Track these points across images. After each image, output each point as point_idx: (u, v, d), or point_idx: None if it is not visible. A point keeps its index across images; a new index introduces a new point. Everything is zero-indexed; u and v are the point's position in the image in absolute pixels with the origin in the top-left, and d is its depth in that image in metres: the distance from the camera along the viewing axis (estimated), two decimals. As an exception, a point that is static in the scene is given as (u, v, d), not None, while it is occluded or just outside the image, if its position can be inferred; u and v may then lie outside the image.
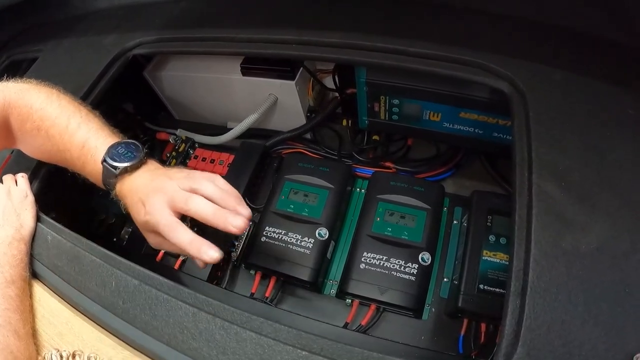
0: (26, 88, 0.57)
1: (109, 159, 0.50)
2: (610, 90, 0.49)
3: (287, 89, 0.75)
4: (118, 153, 0.50)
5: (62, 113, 0.55)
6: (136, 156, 0.51)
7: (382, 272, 0.62)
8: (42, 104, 0.55)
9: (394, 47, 0.56)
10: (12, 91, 0.56)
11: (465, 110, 0.64)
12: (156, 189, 0.47)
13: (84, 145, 0.53)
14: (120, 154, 0.50)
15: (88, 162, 0.52)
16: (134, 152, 0.51)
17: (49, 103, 0.55)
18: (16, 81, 0.58)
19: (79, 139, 0.53)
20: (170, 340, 0.40)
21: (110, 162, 0.50)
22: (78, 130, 0.53)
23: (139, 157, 0.51)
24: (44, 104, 0.55)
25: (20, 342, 0.43)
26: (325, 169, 0.73)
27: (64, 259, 0.50)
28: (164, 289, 0.44)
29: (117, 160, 0.50)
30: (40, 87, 0.58)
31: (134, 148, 0.52)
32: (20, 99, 0.56)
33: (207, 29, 0.69)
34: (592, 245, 0.40)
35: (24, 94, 0.56)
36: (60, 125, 0.54)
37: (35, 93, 0.56)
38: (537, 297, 0.38)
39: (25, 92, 0.56)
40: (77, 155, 0.53)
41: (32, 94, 0.56)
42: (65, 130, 0.54)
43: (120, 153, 0.50)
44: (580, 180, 0.43)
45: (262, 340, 0.38)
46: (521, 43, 0.54)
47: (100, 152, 0.51)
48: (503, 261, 0.59)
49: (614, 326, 0.36)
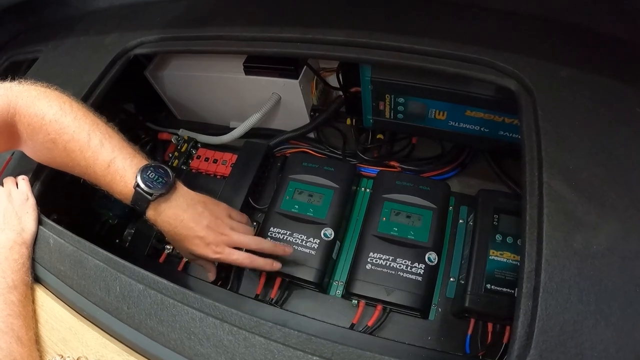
0: (35, 95, 0.54)
1: (142, 184, 0.51)
2: (618, 88, 0.48)
3: (291, 87, 0.75)
4: (149, 178, 0.52)
5: (80, 127, 0.53)
6: (167, 182, 0.53)
7: (388, 272, 0.62)
8: (56, 115, 0.53)
9: (399, 45, 0.55)
10: (19, 96, 0.54)
11: (471, 109, 0.63)
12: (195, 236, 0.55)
13: (109, 165, 0.52)
14: (151, 179, 0.52)
15: (116, 182, 0.53)
16: (163, 177, 0.53)
17: (64, 114, 0.53)
18: (22, 83, 0.56)
19: (104, 158, 0.53)
20: (177, 346, 0.40)
21: (143, 187, 0.51)
22: (101, 148, 0.53)
23: (170, 182, 0.54)
24: (57, 115, 0.53)
25: (23, 349, 0.42)
26: (330, 168, 0.72)
27: (66, 262, 0.49)
28: (170, 294, 0.43)
29: (150, 187, 0.52)
30: (50, 94, 0.55)
31: (163, 173, 0.54)
32: (29, 107, 0.53)
33: (209, 28, 0.68)
34: (603, 245, 0.39)
35: (34, 102, 0.54)
36: (80, 140, 0.53)
37: (46, 102, 0.54)
38: (549, 298, 0.37)
39: (35, 99, 0.54)
40: (101, 173, 0.53)
41: (42, 102, 0.54)
42: (87, 146, 0.53)
43: (152, 178, 0.52)
44: (590, 179, 0.43)
45: (272, 345, 0.38)
46: (528, 40, 0.53)
47: (129, 174, 0.52)
48: (510, 260, 0.58)
49: (625, 327, 0.36)
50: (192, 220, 0.55)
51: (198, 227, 0.55)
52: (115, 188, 0.53)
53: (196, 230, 0.55)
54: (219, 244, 0.56)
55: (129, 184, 0.52)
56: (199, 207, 0.56)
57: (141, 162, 0.54)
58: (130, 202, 0.53)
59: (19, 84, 0.56)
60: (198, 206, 0.56)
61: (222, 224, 0.58)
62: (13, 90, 0.54)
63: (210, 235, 0.55)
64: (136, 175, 0.52)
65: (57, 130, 0.53)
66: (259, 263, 0.58)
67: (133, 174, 0.52)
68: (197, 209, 0.56)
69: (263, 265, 0.59)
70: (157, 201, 0.53)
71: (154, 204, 0.53)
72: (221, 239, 0.56)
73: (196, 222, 0.55)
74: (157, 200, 0.53)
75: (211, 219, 0.57)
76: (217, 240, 0.56)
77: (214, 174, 0.82)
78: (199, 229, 0.55)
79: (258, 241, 0.59)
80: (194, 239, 0.55)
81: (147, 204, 0.53)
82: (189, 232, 0.55)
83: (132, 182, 0.52)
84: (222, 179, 0.81)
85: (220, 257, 0.56)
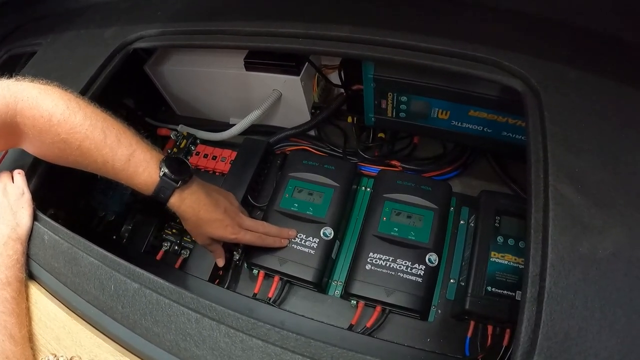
0: (37, 94, 0.52)
1: (169, 172, 0.55)
2: (627, 91, 0.47)
3: (292, 84, 0.74)
4: (173, 168, 0.56)
5: (93, 125, 0.53)
6: (188, 171, 0.58)
7: (388, 273, 0.61)
8: (64, 115, 0.52)
9: (404, 42, 0.54)
10: (19, 95, 0.51)
11: (474, 109, 0.62)
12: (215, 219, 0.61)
13: (129, 159, 0.54)
14: (175, 168, 0.56)
15: (139, 174, 0.55)
16: (184, 167, 0.57)
17: (72, 113, 0.52)
18: (20, 80, 0.54)
19: (123, 153, 0.54)
20: (172, 347, 0.39)
21: (170, 175, 0.55)
22: (119, 143, 0.54)
23: (191, 171, 0.58)
24: (66, 115, 0.52)
25: (16, 347, 0.41)
26: (330, 166, 0.71)
27: (61, 260, 0.48)
28: (165, 293, 0.42)
29: (176, 174, 0.55)
30: (52, 92, 0.53)
31: (184, 163, 0.58)
32: (33, 107, 0.51)
33: (210, 22, 0.67)
34: (608, 250, 0.39)
35: (36, 101, 0.52)
36: (95, 139, 0.53)
37: (51, 101, 0.52)
38: (554, 303, 0.37)
39: (37, 99, 0.52)
40: (121, 167, 0.54)
41: (46, 101, 0.52)
42: (103, 144, 0.53)
43: (175, 168, 0.56)
44: (597, 182, 0.42)
45: (269, 348, 0.37)
46: (535, 41, 0.52)
47: (152, 165, 0.55)
48: (511, 263, 0.57)
49: (630, 334, 0.35)
50: (213, 205, 0.60)
51: (218, 211, 0.61)
52: (137, 179, 0.55)
53: (216, 213, 0.61)
54: (234, 225, 0.62)
55: (154, 174, 0.55)
56: (214, 193, 0.62)
57: (159, 154, 0.57)
58: (152, 192, 0.56)
59: (16, 81, 0.54)
60: (214, 193, 0.62)
61: (234, 208, 0.65)
62: (11, 88, 0.52)
63: (227, 219, 0.62)
64: (160, 165, 0.55)
65: (68, 130, 0.52)
66: (269, 241, 0.65)
67: (156, 165, 0.55)
68: (214, 195, 0.62)
69: (272, 243, 0.65)
70: (181, 188, 0.57)
71: (178, 191, 0.57)
72: (236, 220, 0.63)
73: (216, 207, 0.61)
74: (181, 188, 0.56)
75: (226, 204, 0.63)
76: (232, 223, 0.62)
77: (213, 171, 0.81)
78: (218, 213, 0.61)
79: (265, 225, 0.66)
80: (214, 221, 0.60)
81: (172, 191, 0.56)
82: (210, 215, 0.60)
83: (156, 172, 0.55)
84: (221, 175, 0.80)
85: (236, 237, 0.62)
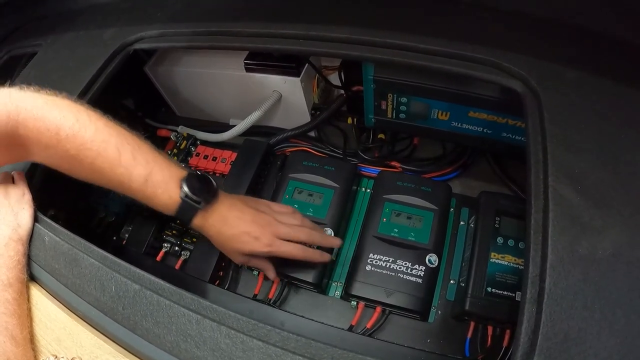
0: (42, 105, 0.48)
1: (190, 194, 0.51)
2: (627, 92, 0.47)
3: (292, 85, 0.74)
4: (195, 187, 0.51)
5: (106, 141, 0.49)
6: (212, 189, 0.53)
7: (388, 274, 0.61)
8: (74, 129, 0.48)
9: (403, 44, 0.54)
10: (21, 105, 0.48)
11: (474, 110, 0.62)
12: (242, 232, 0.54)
13: (146, 180, 0.50)
14: (196, 188, 0.51)
15: (157, 196, 0.51)
16: (208, 185, 0.53)
17: (83, 127, 0.49)
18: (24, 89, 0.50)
19: (139, 173, 0.50)
20: (173, 348, 0.39)
21: (192, 196, 0.51)
22: (134, 162, 0.50)
23: (214, 189, 0.53)
24: (75, 129, 0.48)
25: (17, 348, 0.41)
26: (330, 167, 0.71)
27: (61, 261, 0.48)
28: (166, 294, 0.42)
29: (198, 195, 0.51)
30: (59, 103, 0.50)
31: (206, 180, 0.53)
32: (37, 119, 0.48)
33: (210, 23, 0.67)
34: (608, 251, 0.39)
35: (42, 113, 0.48)
36: (109, 157, 0.49)
37: (58, 112, 0.48)
38: (554, 304, 0.37)
39: (42, 110, 0.48)
40: (138, 188, 0.50)
41: (53, 113, 0.48)
42: (118, 163, 0.49)
43: (197, 187, 0.51)
44: (596, 183, 0.42)
45: (270, 349, 0.37)
46: (535, 41, 0.52)
47: (171, 186, 0.51)
48: (511, 264, 0.58)
49: (630, 334, 0.35)
50: (236, 218, 0.54)
51: (242, 222, 0.54)
52: (156, 201, 0.51)
53: (241, 226, 0.54)
54: (267, 235, 0.55)
55: (174, 196, 0.51)
56: (239, 204, 0.56)
57: (179, 171, 0.53)
58: (174, 213, 0.52)
59: (20, 90, 0.50)
60: (238, 203, 0.56)
61: (266, 215, 0.57)
62: (13, 97, 0.48)
63: (257, 229, 0.54)
64: (181, 185, 0.51)
65: (78, 147, 0.48)
66: (310, 254, 0.58)
67: (176, 185, 0.51)
68: (238, 206, 0.55)
69: (313, 257, 0.58)
70: (204, 208, 0.52)
71: (201, 212, 0.52)
72: (269, 230, 0.55)
73: (240, 219, 0.54)
74: (204, 209, 0.52)
75: (254, 212, 0.56)
76: (264, 233, 0.55)
77: (213, 172, 0.81)
78: (244, 225, 0.54)
79: (308, 233, 0.58)
80: (241, 235, 0.54)
81: (195, 212, 0.52)
82: (235, 229, 0.54)
83: (176, 193, 0.51)
84: (221, 176, 0.80)
85: (271, 250, 0.55)
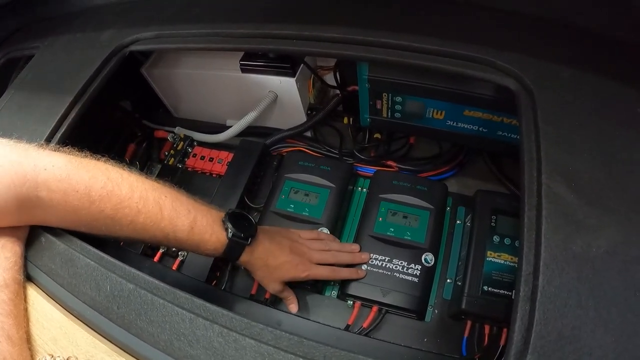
0: (65, 163, 0.46)
1: (237, 231, 0.53)
2: (620, 90, 0.47)
3: (288, 86, 0.74)
4: (239, 225, 0.54)
5: (144, 197, 0.49)
6: (252, 224, 0.56)
7: (384, 273, 0.61)
8: (106, 188, 0.47)
9: (397, 43, 0.54)
10: (41, 163, 0.45)
11: (469, 108, 0.62)
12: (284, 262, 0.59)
13: (192, 227, 0.51)
14: (240, 226, 0.54)
15: (205, 241, 0.52)
16: (247, 221, 0.56)
17: (116, 185, 0.47)
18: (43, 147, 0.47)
19: (184, 223, 0.51)
20: (167, 347, 0.39)
21: (239, 234, 0.53)
22: (177, 213, 0.50)
23: (254, 224, 0.57)
24: (108, 187, 0.47)
25: (13, 348, 0.41)
26: (326, 167, 0.71)
27: (57, 261, 0.48)
28: (160, 294, 0.42)
29: (244, 231, 0.54)
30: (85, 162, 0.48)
31: (245, 217, 0.56)
32: (62, 180, 0.45)
33: (205, 25, 0.67)
34: (602, 249, 0.38)
35: (67, 172, 0.45)
36: (149, 213, 0.48)
37: (85, 171, 0.46)
38: (547, 302, 0.37)
39: (67, 169, 0.46)
40: (185, 238, 0.51)
41: (80, 172, 0.46)
42: (160, 217, 0.49)
43: (241, 225, 0.54)
44: (590, 181, 0.42)
45: (262, 348, 0.37)
46: (529, 40, 0.52)
47: (217, 229, 0.53)
48: (507, 262, 0.58)
49: (625, 332, 0.35)
50: (278, 249, 0.59)
51: (284, 253, 0.59)
52: (205, 247, 0.53)
53: (283, 256, 0.59)
54: (305, 262, 0.60)
55: (221, 238, 0.53)
56: (277, 237, 0.61)
57: (218, 213, 0.55)
58: (223, 253, 0.54)
59: (39, 148, 0.47)
60: (276, 236, 0.61)
61: (300, 244, 0.62)
62: (31, 156, 0.45)
63: (295, 258, 0.60)
64: (226, 227, 0.53)
65: (115, 206, 0.47)
66: (343, 274, 0.63)
67: (220, 227, 0.53)
68: (276, 238, 0.60)
69: (348, 276, 0.63)
70: (250, 244, 0.55)
71: (248, 247, 0.55)
72: (305, 257, 0.61)
73: (281, 250, 0.59)
74: (250, 244, 0.55)
75: (291, 243, 0.61)
76: (302, 261, 0.60)
77: (209, 173, 0.81)
78: (285, 255, 0.59)
79: (335, 255, 0.63)
80: (283, 264, 0.59)
81: (243, 249, 0.55)
82: (277, 260, 0.59)
83: (223, 235, 0.53)
84: (217, 177, 0.80)
85: (308, 275, 0.60)
